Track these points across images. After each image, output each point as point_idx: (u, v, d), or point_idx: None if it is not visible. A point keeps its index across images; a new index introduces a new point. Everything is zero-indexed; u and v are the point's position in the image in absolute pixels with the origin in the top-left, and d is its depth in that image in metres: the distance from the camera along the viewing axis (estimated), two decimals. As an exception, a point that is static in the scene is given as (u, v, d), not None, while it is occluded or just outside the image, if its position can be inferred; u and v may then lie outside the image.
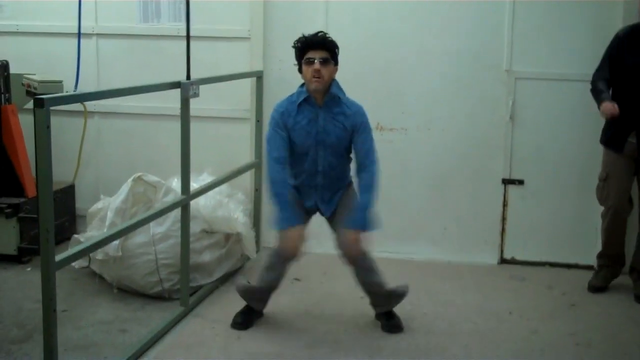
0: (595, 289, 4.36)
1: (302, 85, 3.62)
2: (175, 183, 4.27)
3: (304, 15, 4.79)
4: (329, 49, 3.55)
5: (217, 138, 5.01)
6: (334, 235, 3.66)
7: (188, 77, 3.85)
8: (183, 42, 3.88)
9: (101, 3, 5.08)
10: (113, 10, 5.09)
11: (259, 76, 4.88)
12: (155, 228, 4.06)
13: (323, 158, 3.63)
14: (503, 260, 4.90)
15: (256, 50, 4.89)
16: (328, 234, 3.74)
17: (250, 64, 4.91)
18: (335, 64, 3.60)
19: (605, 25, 4.51)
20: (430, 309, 4.06)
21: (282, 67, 4.78)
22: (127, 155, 5.18)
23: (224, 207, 4.42)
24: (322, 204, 3.71)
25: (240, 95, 4.95)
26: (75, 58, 5.02)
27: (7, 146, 4.67)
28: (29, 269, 4.54)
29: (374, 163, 3.58)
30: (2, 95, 4.64)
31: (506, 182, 4.82)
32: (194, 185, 4.16)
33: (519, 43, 4.67)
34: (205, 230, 4.24)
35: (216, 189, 4.41)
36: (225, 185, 4.57)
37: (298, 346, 3.57)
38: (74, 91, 4.91)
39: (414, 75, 4.81)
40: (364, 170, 3.57)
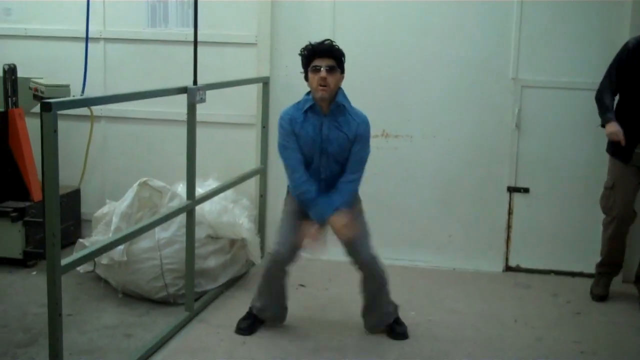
0: (600, 297, 4.36)
1: (309, 93, 3.62)
2: (181, 188, 4.28)
3: (311, 23, 4.79)
4: (336, 56, 3.55)
5: (223, 143, 5.02)
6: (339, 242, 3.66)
7: (195, 83, 3.86)
8: (190, 48, 3.89)
9: (109, 7, 5.10)
10: (121, 15, 5.10)
11: (265, 82, 4.89)
12: (161, 233, 4.07)
13: (326, 166, 3.63)
14: (508, 268, 4.89)
15: (263, 56, 4.90)
16: (332, 241, 3.72)
17: (256, 69, 4.92)
18: (342, 72, 3.60)
19: (613, 34, 4.52)
20: (434, 315, 4.06)
21: (289, 74, 4.79)
22: (133, 160, 5.18)
23: (229, 213, 4.42)
24: None
25: (246, 101, 4.96)
26: (82, 62, 5.03)
27: (14, 150, 4.68)
28: (35, 273, 4.54)
29: (361, 173, 3.65)
30: (10, 99, 4.65)
31: (511, 190, 4.82)
32: (200, 191, 4.16)
33: (526, 51, 4.67)
34: (210, 236, 4.24)
35: (221, 195, 4.42)
36: (230, 190, 4.57)
37: (303, 352, 3.57)
38: (81, 95, 4.92)
39: (420, 83, 4.81)
40: (348, 178, 3.61)
